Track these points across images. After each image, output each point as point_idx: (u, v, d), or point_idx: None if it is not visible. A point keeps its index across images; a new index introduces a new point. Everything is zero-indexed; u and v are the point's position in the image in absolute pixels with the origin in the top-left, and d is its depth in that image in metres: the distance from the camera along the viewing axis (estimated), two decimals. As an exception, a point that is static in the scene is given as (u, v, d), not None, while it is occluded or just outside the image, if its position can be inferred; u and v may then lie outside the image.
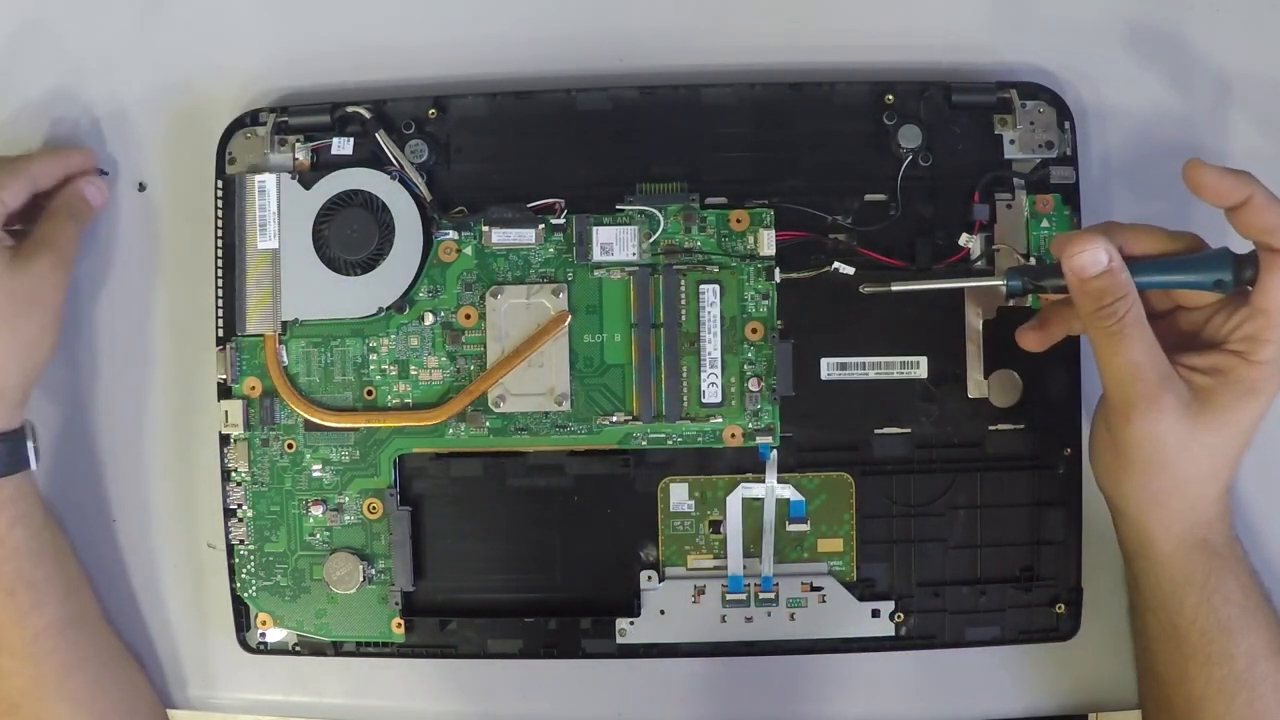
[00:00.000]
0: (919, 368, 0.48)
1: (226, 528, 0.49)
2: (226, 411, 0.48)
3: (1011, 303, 0.47)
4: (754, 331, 0.47)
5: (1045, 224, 0.48)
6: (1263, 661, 0.42)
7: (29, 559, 0.46)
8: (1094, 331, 0.40)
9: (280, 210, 0.48)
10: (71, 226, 0.48)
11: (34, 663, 0.46)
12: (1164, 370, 0.40)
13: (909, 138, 0.48)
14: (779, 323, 0.47)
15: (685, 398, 0.47)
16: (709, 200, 0.48)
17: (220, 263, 0.48)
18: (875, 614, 0.48)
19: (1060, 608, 0.48)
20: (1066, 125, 0.48)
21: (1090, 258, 0.40)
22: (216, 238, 0.48)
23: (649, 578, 0.48)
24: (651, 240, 0.48)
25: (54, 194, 0.49)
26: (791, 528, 0.48)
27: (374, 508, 0.48)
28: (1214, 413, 0.40)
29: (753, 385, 0.47)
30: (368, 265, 0.48)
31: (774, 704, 0.50)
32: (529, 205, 0.48)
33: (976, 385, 0.48)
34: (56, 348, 0.48)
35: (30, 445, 0.47)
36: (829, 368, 0.48)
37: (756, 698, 0.50)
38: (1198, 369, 0.41)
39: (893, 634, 0.48)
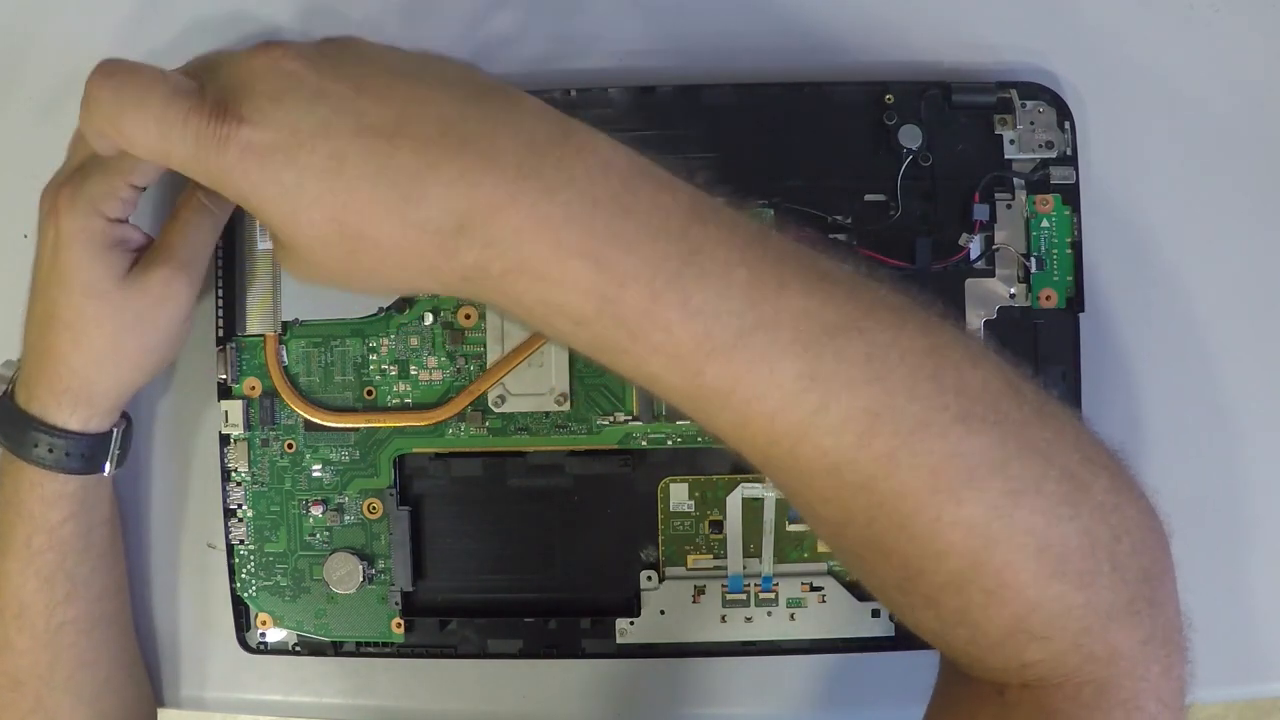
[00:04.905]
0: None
1: (226, 528, 0.49)
2: (226, 411, 0.48)
3: (1012, 298, 0.47)
4: (754, 331, 0.47)
5: (1045, 224, 0.48)
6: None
7: (74, 555, 0.45)
8: None
9: (280, 210, 0.48)
10: (206, 223, 0.44)
11: (51, 651, 0.46)
12: None
13: (909, 138, 0.47)
14: (779, 323, 0.47)
15: (685, 398, 0.47)
16: (709, 200, 0.48)
17: (220, 263, 0.48)
18: (875, 614, 0.48)
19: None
20: (1066, 125, 0.48)
21: None
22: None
23: (649, 578, 0.48)
24: (651, 240, 0.48)
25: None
26: (791, 528, 0.48)
27: (374, 508, 0.48)
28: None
29: (753, 385, 0.47)
30: (368, 265, 0.48)
31: (774, 704, 0.50)
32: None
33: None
34: (169, 361, 0.46)
35: (112, 451, 0.45)
36: (829, 368, 0.48)
37: (757, 698, 0.50)
38: None
39: (893, 634, 0.48)
